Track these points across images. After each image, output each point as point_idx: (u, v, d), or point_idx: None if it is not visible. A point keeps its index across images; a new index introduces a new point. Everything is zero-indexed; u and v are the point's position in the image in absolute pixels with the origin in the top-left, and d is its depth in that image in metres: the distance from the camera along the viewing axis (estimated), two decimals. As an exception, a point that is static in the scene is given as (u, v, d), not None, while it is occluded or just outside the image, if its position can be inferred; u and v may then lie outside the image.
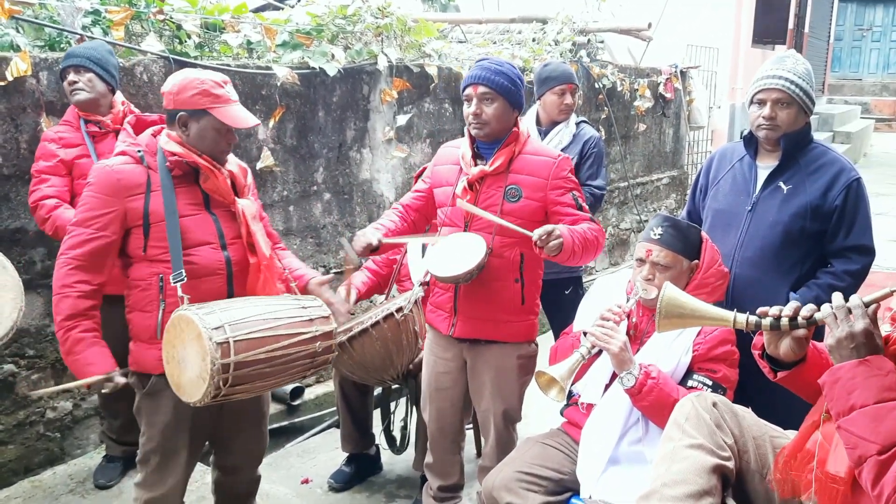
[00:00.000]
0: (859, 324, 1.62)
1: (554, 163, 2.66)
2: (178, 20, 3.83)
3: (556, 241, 2.42)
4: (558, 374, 2.27)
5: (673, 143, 8.33)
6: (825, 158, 2.71)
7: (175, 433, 2.43)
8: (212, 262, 2.35)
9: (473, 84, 2.60)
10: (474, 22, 6.97)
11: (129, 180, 2.29)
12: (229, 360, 2.14)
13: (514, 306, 2.70)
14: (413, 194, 2.89)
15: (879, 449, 1.50)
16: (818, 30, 14.37)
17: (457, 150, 2.77)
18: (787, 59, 2.68)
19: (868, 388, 1.56)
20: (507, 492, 2.36)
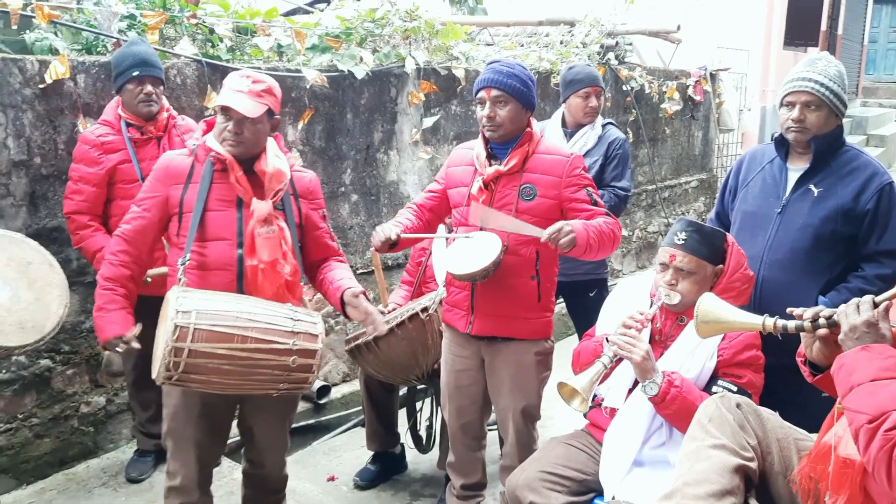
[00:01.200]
0: (862, 316, 1.71)
1: (567, 161, 2.69)
2: (210, 24, 3.90)
3: (568, 237, 2.44)
4: (580, 386, 2.27)
5: (702, 146, 8.26)
6: (857, 162, 2.68)
7: (184, 419, 2.48)
8: (223, 258, 2.41)
9: (486, 87, 2.63)
10: (502, 24, 6.99)
11: (174, 169, 2.45)
12: (184, 345, 2.16)
13: (531, 303, 2.73)
14: (427, 194, 2.91)
15: (870, 419, 1.58)
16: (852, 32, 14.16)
17: (471, 151, 2.80)
18: (819, 62, 2.66)
19: (867, 369, 1.65)
20: (531, 491, 2.37)
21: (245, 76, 2.41)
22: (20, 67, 3.11)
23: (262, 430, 2.63)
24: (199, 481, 2.55)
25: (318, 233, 2.64)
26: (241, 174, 2.41)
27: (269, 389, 2.36)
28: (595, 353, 2.50)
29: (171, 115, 3.24)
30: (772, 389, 2.45)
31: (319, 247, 2.66)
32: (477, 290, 2.73)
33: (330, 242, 2.69)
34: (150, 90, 3.10)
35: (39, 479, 3.31)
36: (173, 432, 2.50)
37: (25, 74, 3.12)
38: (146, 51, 3.15)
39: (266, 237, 2.40)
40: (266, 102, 2.40)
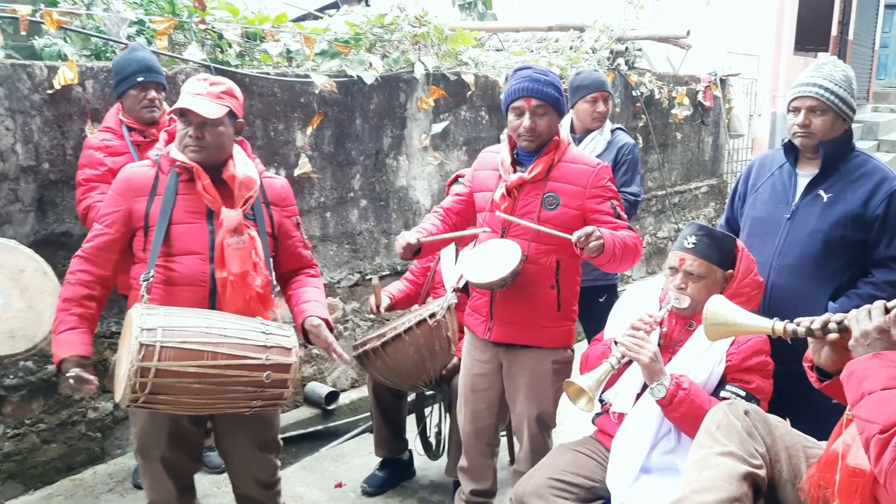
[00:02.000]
0: (874, 322, 1.69)
1: (593, 171, 2.66)
2: (219, 29, 3.92)
3: (597, 241, 2.43)
4: (587, 385, 2.26)
5: (712, 152, 8.23)
6: (867, 167, 2.66)
7: (151, 438, 2.37)
8: (194, 273, 2.30)
9: (526, 97, 2.60)
10: (511, 30, 6.99)
11: (137, 182, 2.33)
12: (150, 364, 2.04)
13: (550, 312, 2.71)
14: (454, 198, 2.90)
15: (881, 428, 1.55)
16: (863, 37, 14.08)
17: (496, 155, 2.78)
18: (825, 66, 2.65)
19: (878, 377, 1.62)
20: (538, 498, 2.36)
21: (202, 79, 2.33)
22: (29, 73, 3.13)
23: (235, 452, 2.52)
24: (177, 495, 2.45)
25: (291, 241, 2.54)
26: (209, 182, 2.30)
27: (243, 408, 2.25)
28: (603, 356, 2.49)
29: (172, 119, 3.25)
30: (781, 396, 2.43)
31: (292, 256, 2.56)
32: (496, 297, 2.73)
33: (303, 252, 2.59)
34: (154, 96, 3.12)
35: (46, 485, 3.32)
36: (142, 450, 2.41)
37: (34, 80, 3.14)
38: (149, 57, 3.17)
39: (236, 248, 2.29)
40: (227, 104, 2.30)
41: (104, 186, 3.07)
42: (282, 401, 2.30)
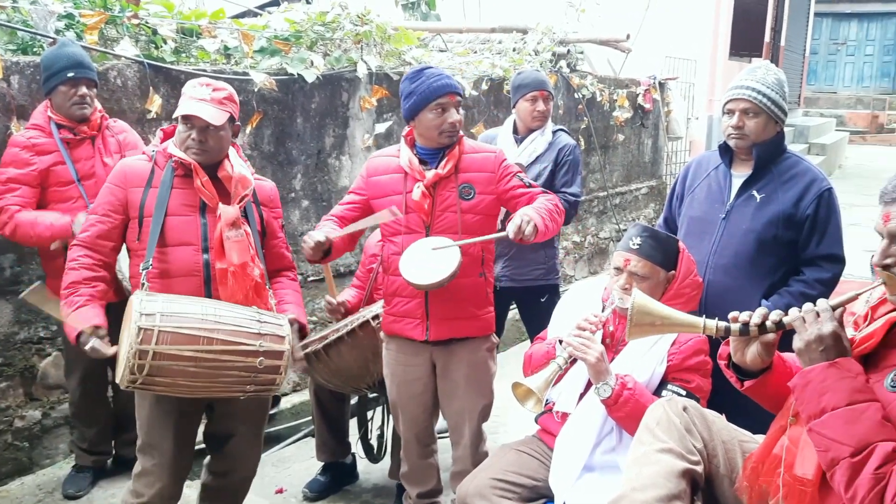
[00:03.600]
0: (828, 326, 1.60)
1: (495, 156, 2.78)
2: (153, 25, 3.80)
3: (529, 226, 2.51)
4: (535, 386, 2.26)
5: (651, 154, 8.39)
6: (798, 168, 2.74)
7: (158, 427, 2.45)
8: (188, 264, 2.41)
9: (450, 93, 2.64)
10: (455, 31, 7.00)
11: (133, 173, 2.45)
12: (148, 347, 2.15)
13: (481, 300, 2.80)
14: (346, 206, 2.85)
15: (852, 451, 1.49)
16: (794, 43, 14.56)
17: (394, 158, 2.78)
18: (758, 70, 2.72)
19: (839, 390, 1.54)
20: (481, 498, 2.35)
21: (205, 84, 2.44)
22: (-50, 67, 2.98)
23: (238, 437, 2.62)
24: (169, 495, 2.52)
25: (276, 241, 2.68)
26: (207, 179, 2.43)
27: (237, 392, 2.36)
28: (547, 355, 2.51)
29: (104, 116, 3.15)
30: (716, 390, 2.47)
31: (276, 256, 2.68)
32: (431, 295, 2.72)
33: (286, 253, 2.73)
34: (85, 92, 3.00)
35: (-30, 497, 3.17)
36: (150, 444, 2.47)
37: (-44, 75, 2.99)
38: (79, 52, 3.06)
39: (235, 240, 2.41)
40: (228, 110, 2.43)
41: (26, 189, 2.96)
42: (274, 386, 2.39)
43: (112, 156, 3.09)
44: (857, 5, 19.93)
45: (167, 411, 2.45)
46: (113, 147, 3.13)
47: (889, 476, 1.43)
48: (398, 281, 2.70)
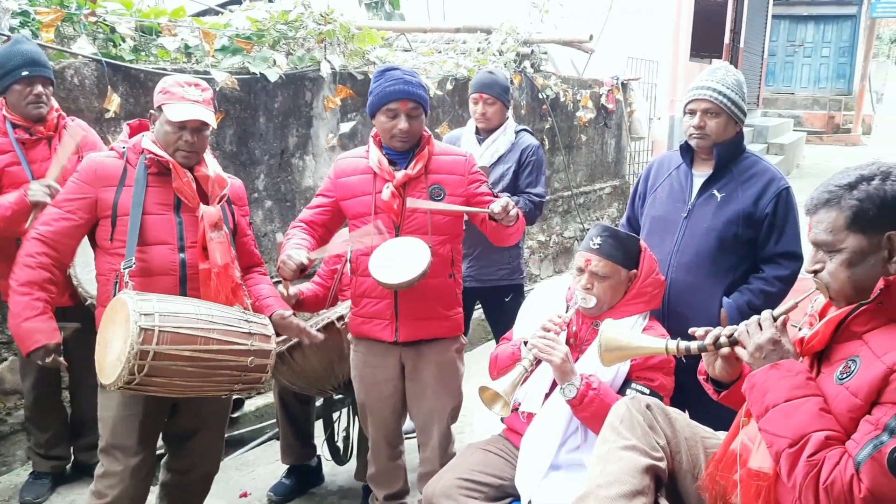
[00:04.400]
0: (766, 334, 1.74)
1: (465, 160, 2.79)
2: (111, 23, 3.73)
3: (514, 209, 2.59)
4: (502, 389, 2.26)
5: (615, 154, 8.47)
6: (757, 168, 2.78)
7: (124, 429, 2.43)
8: (165, 263, 2.40)
9: (402, 99, 2.61)
10: (419, 31, 6.99)
11: (105, 171, 2.40)
12: (150, 347, 2.14)
13: (451, 301, 2.80)
14: (314, 210, 2.83)
15: (790, 442, 1.60)
16: (753, 45, 14.81)
17: (362, 160, 2.76)
18: (718, 71, 2.76)
19: (779, 388, 1.66)
20: (447, 498, 2.35)
21: (192, 84, 2.43)
22: None
23: (201, 434, 2.63)
24: (133, 497, 2.49)
25: (246, 239, 2.69)
26: (188, 179, 2.42)
27: (226, 390, 2.39)
28: (513, 356, 2.52)
29: (62, 116, 3.08)
30: (681, 388, 2.50)
31: (246, 254, 2.69)
32: (400, 296, 2.71)
33: (254, 250, 2.75)
34: (41, 91, 2.93)
35: (-77, 507, 3.09)
36: (115, 445, 2.44)
37: None
38: (34, 50, 2.98)
39: (218, 241, 2.42)
40: (212, 109, 2.46)
41: None
42: (259, 385, 2.43)
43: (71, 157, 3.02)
44: (813, 8, 20.35)
45: (134, 412, 2.43)
46: None
47: (822, 462, 1.54)
48: (367, 282, 2.68)
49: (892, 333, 1.59)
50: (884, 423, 1.50)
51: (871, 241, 1.64)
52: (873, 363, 1.56)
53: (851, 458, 1.52)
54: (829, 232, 1.67)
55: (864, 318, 1.65)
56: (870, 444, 1.50)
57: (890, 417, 1.49)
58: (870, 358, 1.58)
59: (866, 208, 1.63)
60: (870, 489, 1.47)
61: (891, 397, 1.51)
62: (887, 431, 1.49)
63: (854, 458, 1.51)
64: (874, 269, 1.63)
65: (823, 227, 1.68)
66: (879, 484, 1.47)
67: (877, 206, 1.62)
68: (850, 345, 1.66)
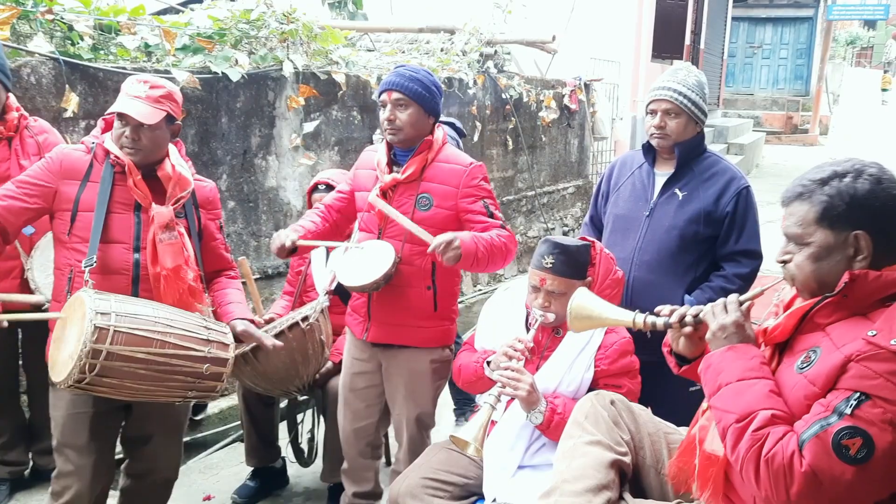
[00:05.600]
0: (731, 316, 1.77)
1: (465, 171, 2.67)
2: (69, 21, 3.66)
3: (454, 252, 2.45)
4: (471, 436, 2.22)
5: (578, 153, 8.54)
6: (717, 167, 2.83)
7: (74, 428, 2.40)
8: (118, 262, 2.37)
9: (388, 90, 2.62)
10: (382, 30, 6.98)
11: (70, 164, 2.38)
12: (102, 346, 2.10)
13: (427, 313, 2.71)
14: (336, 195, 2.89)
15: (737, 418, 1.63)
16: (713, 46, 15.06)
17: (376, 154, 2.77)
18: (680, 72, 2.80)
19: (733, 369, 1.70)
20: (413, 498, 2.35)
21: (143, 81, 2.38)
22: None
23: (156, 438, 2.58)
24: (89, 497, 2.45)
25: (215, 244, 2.64)
26: (140, 178, 2.38)
27: (178, 397, 2.35)
28: (476, 373, 2.52)
29: (23, 116, 3.01)
30: (643, 385, 2.54)
31: (214, 258, 2.65)
32: (374, 298, 2.72)
33: (225, 254, 2.70)
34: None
35: None
36: (65, 444, 2.42)
37: None
38: None
39: (168, 243, 2.38)
40: (165, 108, 2.38)
41: None
42: (214, 393, 2.40)
43: (30, 158, 2.93)
44: (771, 10, 20.76)
45: (83, 411, 2.40)
46: (31, 149, 2.98)
47: (766, 437, 1.57)
48: None
49: (854, 325, 1.61)
50: (833, 406, 1.53)
51: (837, 238, 1.65)
52: (832, 353, 1.58)
53: (797, 434, 1.55)
54: (798, 225, 1.69)
55: (827, 311, 1.67)
56: (817, 423, 1.53)
57: (840, 400, 1.52)
58: (830, 348, 1.60)
59: (836, 204, 1.65)
60: (811, 465, 1.50)
61: (845, 384, 1.54)
62: (836, 413, 1.51)
63: (799, 436, 1.54)
64: (839, 265, 1.65)
65: (794, 220, 1.70)
66: (820, 462, 1.50)
67: (846, 203, 1.64)
68: (812, 336, 1.69)
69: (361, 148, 4.97)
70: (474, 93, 6.27)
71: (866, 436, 1.48)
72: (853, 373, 1.53)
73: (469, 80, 6.15)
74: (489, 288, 6.55)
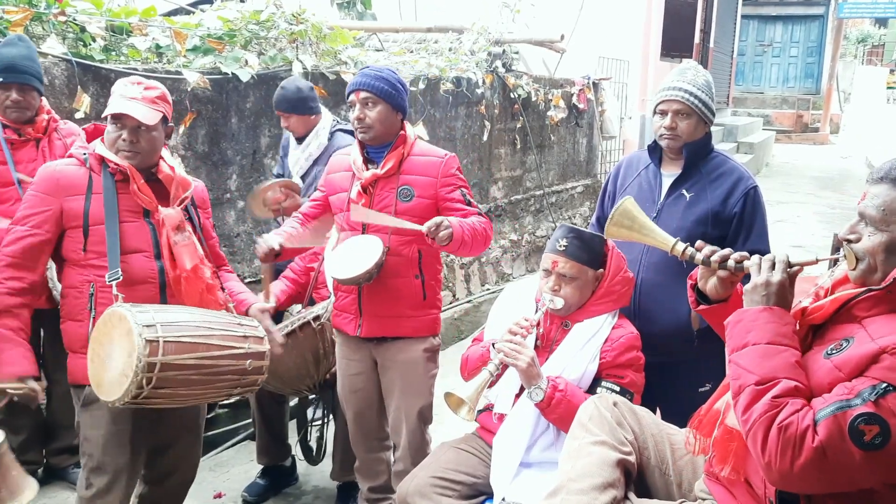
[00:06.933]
0: (777, 275, 1.71)
1: (441, 161, 2.77)
2: (81, 22, 3.70)
3: (446, 231, 2.51)
4: (466, 395, 2.27)
5: (586, 153, 8.54)
6: (725, 167, 2.82)
7: (115, 446, 2.36)
8: (144, 271, 2.34)
9: (356, 90, 2.69)
10: (391, 30, 7.00)
11: (68, 180, 2.31)
12: (156, 359, 2.10)
13: (417, 302, 2.79)
14: (311, 203, 2.96)
15: (758, 380, 1.59)
16: (722, 45, 15.00)
17: (348, 157, 2.85)
18: (688, 71, 2.78)
19: (765, 330, 1.65)
20: (421, 497, 2.37)
21: (136, 83, 2.36)
22: None
23: (183, 440, 2.59)
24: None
25: (212, 242, 2.66)
26: (143, 183, 2.35)
27: (225, 395, 2.39)
28: (482, 358, 2.54)
29: (53, 118, 3.06)
30: (650, 387, 2.54)
31: (214, 256, 2.66)
32: (364, 292, 2.76)
33: (220, 252, 2.74)
34: (17, 98, 2.90)
35: None
36: (106, 463, 2.35)
37: None
38: (15, 54, 2.93)
39: (183, 245, 2.37)
40: (161, 109, 2.36)
41: None
42: (256, 387, 2.42)
43: (56, 159, 2.98)
44: (781, 8, 20.66)
45: (124, 428, 2.36)
46: (59, 150, 3.03)
47: (784, 405, 1.54)
48: None
49: (892, 321, 1.57)
50: (858, 391, 1.50)
51: None
52: (866, 343, 1.55)
53: (814, 410, 1.52)
54: (880, 209, 1.60)
55: (868, 303, 1.62)
56: (837, 403, 1.50)
57: (866, 387, 1.49)
58: (864, 339, 1.56)
59: None
60: (822, 442, 1.48)
61: (875, 373, 1.50)
62: (860, 398, 1.48)
63: (817, 412, 1.51)
64: None
65: (878, 202, 1.61)
66: (832, 441, 1.48)
67: None
68: (847, 326, 1.65)
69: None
70: (482, 92, 6.28)
71: (885, 425, 1.46)
72: (886, 364, 1.50)
73: (477, 79, 6.16)
74: (497, 287, 6.55)
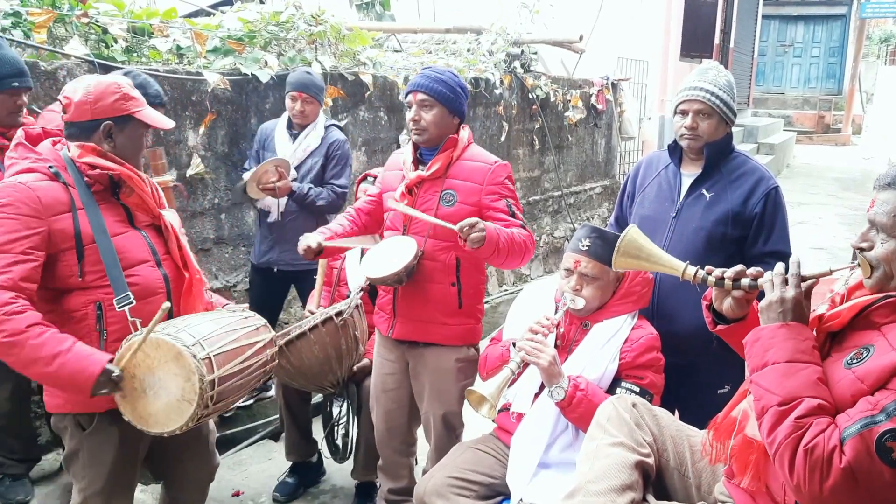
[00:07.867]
0: (791, 291, 1.68)
1: (489, 169, 2.71)
2: (103, 24, 3.74)
3: (479, 233, 2.44)
4: (488, 392, 2.27)
5: (605, 153, 8.51)
6: (746, 167, 2.80)
7: (124, 470, 2.25)
8: (152, 282, 2.21)
9: (413, 91, 2.69)
10: (409, 31, 7.01)
11: (50, 198, 2.06)
12: (214, 375, 2.08)
13: (451, 309, 2.74)
14: (365, 198, 2.98)
15: (781, 401, 1.56)
16: (743, 45, 14.88)
17: (402, 155, 2.85)
18: (710, 71, 2.77)
19: (784, 348, 1.62)
20: (439, 497, 2.37)
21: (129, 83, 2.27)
22: None
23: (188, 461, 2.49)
24: None
25: None
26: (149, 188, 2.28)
27: (253, 387, 2.40)
28: (502, 357, 2.53)
29: (33, 121, 3.06)
30: (668, 388, 2.53)
31: None
32: (399, 294, 2.76)
33: None
34: (24, 101, 2.91)
35: None
36: (111, 489, 2.22)
37: None
38: (19, 58, 2.93)
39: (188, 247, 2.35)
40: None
41: None
42: (272, 372, 2.48)
43: None
44: (803, 8, 20.48)
45: (135, 450, 2.27)
46: None
47: (808, 426, 1.52)
48: None
49: None
50: (882, 406, 1.47)
51: None
52: (887, 353, 1.52)
53: (839, 429, 1.49)
54: (891, 215, 1.58)
55: (887, 310, 1.60)
56: (862, 420, 1.47)
57: (891, 401, 1.46)
58: (884, 348, 1.54)
59: None
60: (850, 462, 1.45)
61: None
62: (884, 413, 1.46)
63: (842, 431, 1.48)
64: None
65: (887, 209, 1.59)
66: (861, 461, 1.45)
67: None
68: (866, 334, 1.62)
69: (388, 148, 5.02)
70: (501, 93, 6.28)
71: None
72: None
73: (496, 80, 6.16)
74: (515, 288, 6.55)
